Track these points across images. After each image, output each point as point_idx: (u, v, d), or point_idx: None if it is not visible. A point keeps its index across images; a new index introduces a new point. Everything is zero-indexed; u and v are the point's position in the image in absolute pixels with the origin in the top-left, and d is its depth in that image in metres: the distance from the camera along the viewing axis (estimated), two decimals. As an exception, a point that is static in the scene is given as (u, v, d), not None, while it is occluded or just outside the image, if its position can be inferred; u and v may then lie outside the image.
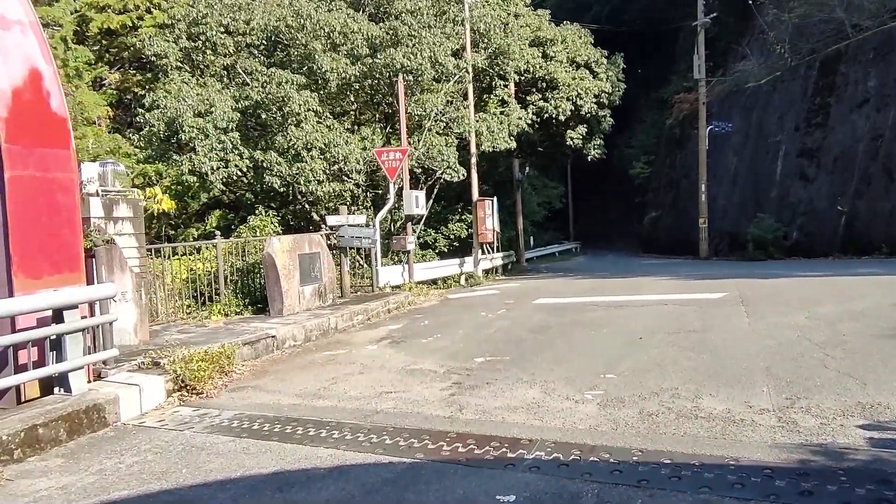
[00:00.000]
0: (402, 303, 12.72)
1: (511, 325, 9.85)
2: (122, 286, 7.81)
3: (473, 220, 18.58)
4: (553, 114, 19.24)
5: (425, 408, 5.76)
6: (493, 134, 17.27)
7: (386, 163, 14.15)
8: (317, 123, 14.03)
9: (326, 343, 9.56)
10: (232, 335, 8.77)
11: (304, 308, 11.05)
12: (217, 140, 13.87)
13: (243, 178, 14.44)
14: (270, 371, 7.84)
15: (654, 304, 10.77)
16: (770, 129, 28.39)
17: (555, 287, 15.35)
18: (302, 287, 11.02)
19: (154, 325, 9.57)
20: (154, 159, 14.76)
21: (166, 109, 14.14)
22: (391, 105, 16.90)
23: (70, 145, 6.71)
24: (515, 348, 8.12)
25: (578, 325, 9.45)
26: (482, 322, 10.41)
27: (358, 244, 12.73)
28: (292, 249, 10.84)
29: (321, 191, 13.72)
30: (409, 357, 8.09)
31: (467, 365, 7.41)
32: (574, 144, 20.92)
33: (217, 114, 14.01)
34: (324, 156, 13.88)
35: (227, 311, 10.57)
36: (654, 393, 5.71)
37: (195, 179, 13.95)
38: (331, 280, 11.87)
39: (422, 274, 15.71)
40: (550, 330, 9.21)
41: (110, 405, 5.99)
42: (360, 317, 11.14)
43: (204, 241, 10.84)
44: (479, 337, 9.15)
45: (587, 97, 19.52)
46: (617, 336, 8.39)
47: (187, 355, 7.20)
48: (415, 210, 14.75)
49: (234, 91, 14.92)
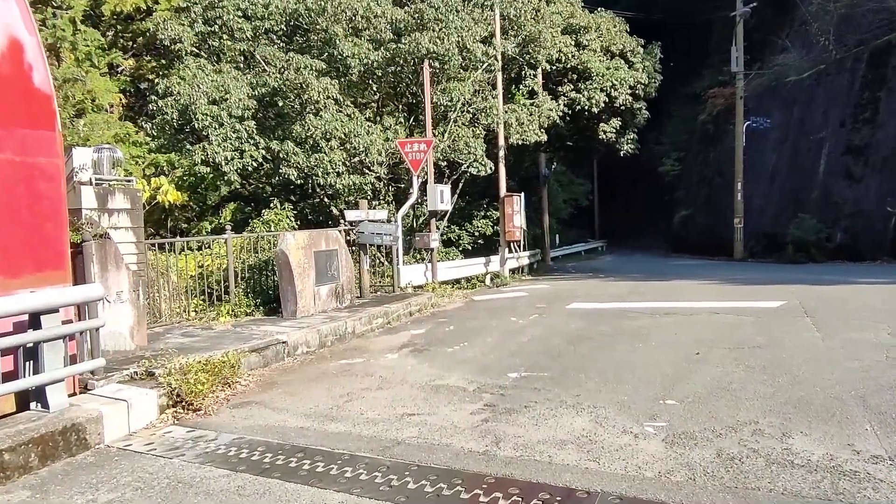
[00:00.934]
0: (424, 305, 11.85)
1: (545, 334, 8.92)
2: (117, 285, 7.04)
3: (500, 217, 17.64)
4: (586, 106, 18.21)
5: (455, 438, 4.88)
6: (523, 126, 16.30)
7: (409, 154, 13.28)
8: (336, 112, 13.21)
9: (342, 350, 8.72)
10: (239, 340, 7.97)
11: (319, 310, 10.23)
12: (231, 129, 13.12)
13: (259, 170, 13.69)
14: (279, 382, 7.02)
15: (704, 313, 9.76)
16: (813, 126, 27.02)
17: (587, 290, 14.36)
18: (318, 287, 10.21)
19: (156, 326, 8.82)
20: (166, 149, 14.07)
21: (180, 96, 13.44)
22: (415, 95, 16.02)
23: (55, 126, 5.93)
24: (554, 362, 7.20)
25: (622, 335, 8.50)
26: (513, 329, 9.50)
27: (378, 241, 11.89)
28: (308, 246, 10.03)
29: (340, 183, 12.90)
30: (434, 369, 7.21)
31: (500, 381, 6.51)
32: (607, 138, 19.86)
33: (232, 101, 13.25)
34: (343, 146, 13.05)
35: (236, 311, 9.79)
36: (729, 427, 4.76)
37: (208, 170, 13.23)
38: (349, 279, 11.04)
39: (445, 273, 14.83)
40: (591, 341, 8.27)
41: (92, 424, 5.20)
42: (380, 320, 10.29)
43: (213, 237, 10.08)
44: (511, 347, 8.24)
45: (622, 88, 18.45)
46: (668, 350, 7.43)
47: (186, 365, 6.41)
48: (439, 205, 13.87)
49: (251, 78, 14.16)
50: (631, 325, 9.08)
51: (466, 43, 14.00)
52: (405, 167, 14.67)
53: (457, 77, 15.02)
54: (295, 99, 13.29)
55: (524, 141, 16.58)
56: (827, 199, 25.17)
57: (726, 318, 9.13)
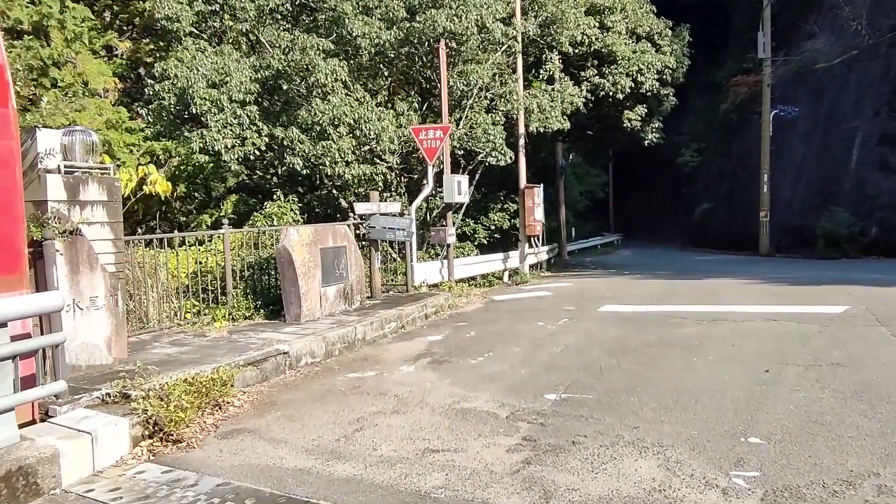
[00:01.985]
0: (441, 306, 10.85)
1: (581, 343, 7.90)
2: (91, 290, 6.08)
3: (520, 210, 16.59)
4: (610, 91, 17.07)
5: (491, 491, 3.88)
6: (545, 112, 15.21)
7: (424, 142, 12.25)
8: (345, 96, 12.19)
9: (352, 360, 7.74)
10: (234, 351, 7.00)
11: (326, 312, 9.25)
12: (232, 114, 12.13)
13: (262, 159, 12.71)
14: (278, 402, 6.04)
15: (758, 319, 8.69)
16: (844, 114, 25.73)
17: (616, 289, 13.30)
18: (324, 287, 9.23)
19: (143, 333, 7.86)
20: (163, 136, 13.12)
21: (177, 80, 12.46)
22: (429, 80, 14.97)
23: (9, 102, 4.94)
24: (597, 381, 6.19)
25: (670, 346, 7.46)
26: (542, 336, 8.48)
27: (391, 236, 10.89)
28: (313, 242, 9.04)
29: (349, 173, 11.89)
30: (457, 387, 6.22)
31: (537, 405, 5.51)
32: (631, 127, 18.72)
33: (233, 84, 12.26)
34: (353, 133, 12.04)
35: (234, 314, 8.83)
36: (843, 481, 3.73)
37: (207, 159, 12.28)
38: (358, 279, 10.05)
39: (462, 271, 13.82)
40: (636, 353, 7.24)
41: (45, 465, 4.24)
42: (393, 324, 9.30)
43: (208, 232, 9.12)
44: (544, 358, 7.23)
45: (649, 73, 17.30)
46: (730, 366, 6.39)
47: (168, 384, 5.45)
48: (456, 197, 12.83)
49: (254, 60, 13.15)
50: (678, 334, 8.04)
51: (486, 21, 12.92)
52: (418, 156, 13.65)
53: (474, 59, 13.95)
54: (301, 82, 12.27)
55: (546, 128, 15.50)
56: (860, 191, 23.94)
57: (787, 327, 8.06)
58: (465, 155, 15.34)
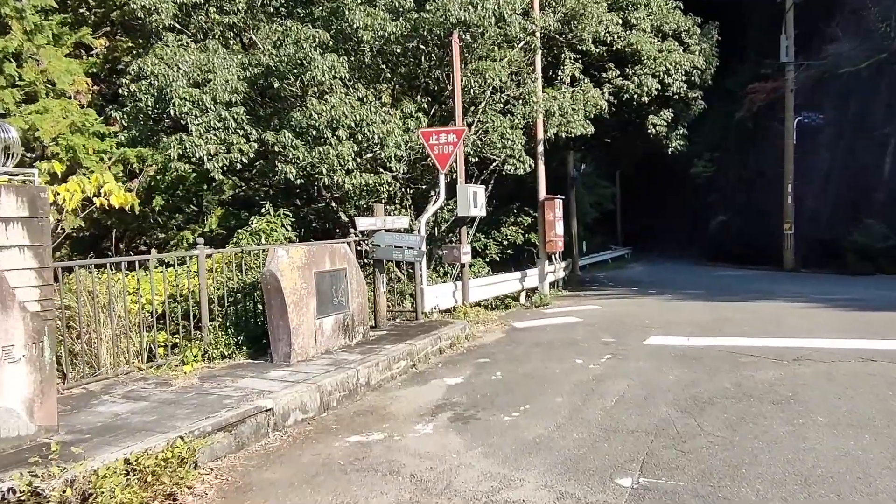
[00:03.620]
0: (457, 338, 9.30)
1: (639, 392, 6.34)
2: (5, 337, 4.54)
3: (539, 224, 15.06)
4: (635, 94, 15.60)
5: None
6: (566, 116, 13.73)
7: (435, 147, 10.75)
8: (345, 96, 10.71)
9: (353, 413, 6.19)
10: (201, 409, 5.44)
11: (322, 350, 7.70)
12: (217, 117, 10.65)
13: (251, 168, 11.22)
14: (255, 486, 4.49)
15: (852, 359, 7.13)
16: (874, 121, 24.30)
17: (653, 314, 11.75)
18: (320, 319, 7.68)
19: (91, 382, 6.29)
20: (140, 142, 11.64)
21: (155, 78, 11.00)
22: (438, 81, 13.49)
23: None
24: (679, 453, 4.64)
25: (755, 398, 5.91)
26: (586, 380, 6.93)
27: (398, 256, 9.36)
28: (306, 265, 7.51)
29: (350, 183, 10.37)
30: (493, 462, 4.68)
31: (611, 500, 3.96)
32: (656, 133, 17.24)
33: (218, 83, 10.78)
34: (353, 138, 10.55)
35: (211, 353, 7.29)
36: None
37: (188, 168, 10.79)
38: (360, 307, 8.51)
39: (476, 293, 12.27)
40: (714, 407, 5.69)
41: None
42: (403, 363, 7.75)
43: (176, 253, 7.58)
44: (597, 414, 5.68)
45: (676, 74, 15.83)
46: (855, 434, 4.83)
47: (100, 472, 3.91)
48: (472, 210, 11.30)
49: (243, 58, 11.69)
50: (758, 380, 6.48)
51: (504, 12, 11.45)
52: (427, 164, 12.16)
53: (489, 55, 12.48)
54: (295, 80, 10.79)
55: (568, 133, 14.01)
56: (895, 202, 22.46)
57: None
58: (478, 163, 13.85)
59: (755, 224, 29.40)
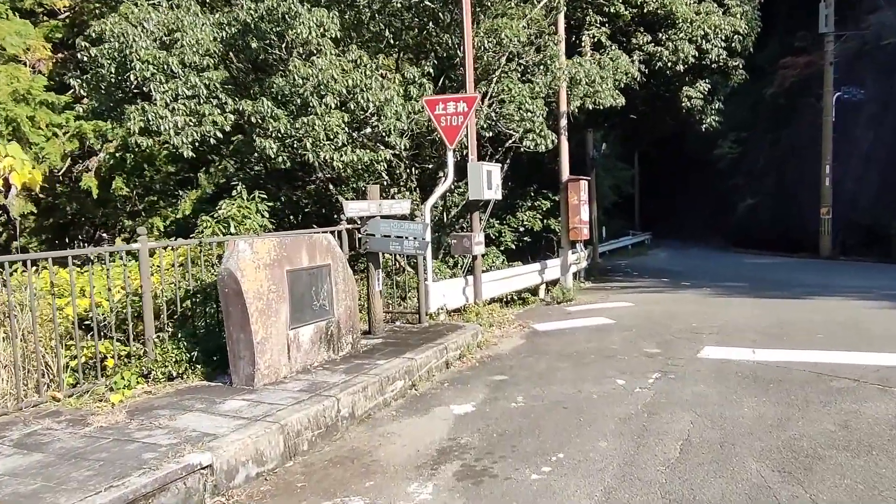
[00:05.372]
0: (467, 346, 7.71)
1: (709, 435, 4.71)
2: None
3: (562, 209, 13.35)
4: (669, 62, 13.79)
5: None
6: (594, 85, 11.99)
7: (443, 119, 9.10)
8: (336, 57, 9.05)
9: (329, 462, 4.64)
10: (110, 468, 3.88)
11: (298, 367, 6.14)
12: (185, 83, 9.05)
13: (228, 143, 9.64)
14: None
15: None
16: (924, 95, 22.30)
17: (697, 313, 10.08)
18: (295, 329, 6.11)
19: (-19, 420, 4.77)
20: (102, 114, 10.10)
21: (116, 39, 9.41)
22: (448, 48, 11.77)
23: None
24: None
25: (876, 448, 4.29)
26: (633, 412, 5.32)
27: (397, 248, 7.75)
28: (276, 262, 5.93)
29: (339, 160, 8.76)
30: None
31: None
32: (691, 106, 15.43)
33: (187, 42, 9.17)
34: (345, 106, 8.92)
35: (157, 372, 5.75)
36: None
37: (151, 143, 9.23)
38: (349, 311, 6.93)
39: (490, 288, 10.64)
40: (826, 468, 4.06)
41: None
42: (400, 384, 6.18)
43: (105, 248, 5.98)
44: (657, 473, 4.08)
45: (716, 39, 13.98)
46: None
47: None
48: (485, 193, 9.63)
49: (219, 16, 10.05)
50: (869, 419, 4.84)
51: (523, -41, 9.74)
52: (433, 139, 10.53)
53: (506, 13, 10.75)
54: (277, 39, 9.15)
55: (596, 104, 12.25)
56: (947, 183, 20.56)
57: None
58: (491, 140, 12.18)
59: (787, 208, 27.53)
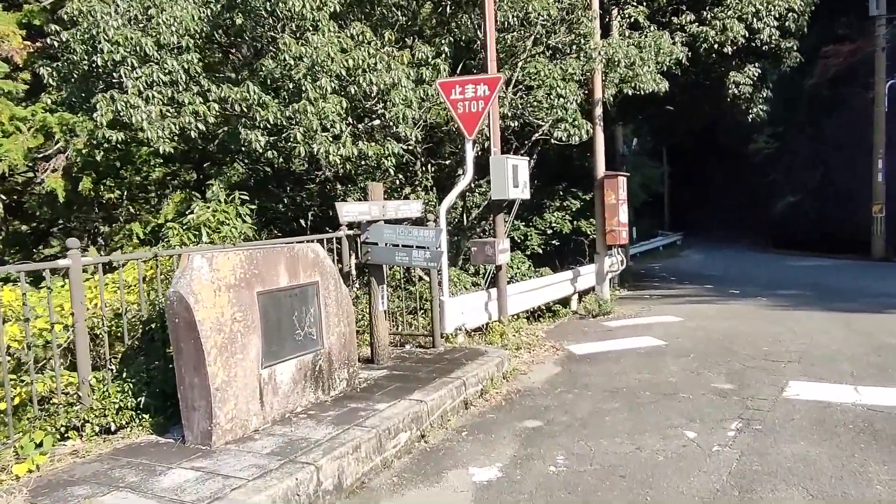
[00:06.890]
0: (491, 379, 6.30)
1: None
2: None
3: (597, 209, 11.85)
4: (715, 43, 12.24)
5: None
6: (634, 68, 10.51)
7: (460, 105, 7.72)
8: (335, 33, 7.72)
9: (297, 573, 3.26)
10: None
11: (276, 415, 4.79)
12: (161, 68, 7.80)
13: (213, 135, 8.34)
14: None
15: None
16: None
17: (765, 332, 8.51)
18: (270, 367, 4.76)
19: None
20: (73, 105, 8.91)
21: (85, 19, 8.20)
22: (466, 30, 10.38)
23: None
24: None
25: None
26: (717, 487, 3.87)
27: (403, 260, 6.38)
28: (243, 282, 4.58)
29: (336, 154, 7.40)
30: None
31: None
32: (738, 93, 13.83)
33: (164, 20, 7.92)
34: (345, 91, 7.58)
35: (93, 424, 4.44)
36: None
37: (123, 137, 7.99)
38: (343, 339, 5.56)
39: (516, 301, 9.19)
40: None
41: None
42: (405, 436, 4.80)
43: (32, 265, 4.64)
44: None
45: (768, 17, 12.41)
46: None
47: None
48: (511, 191, 8.20)
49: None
50: None
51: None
52: (448, 129, 9.15)
53: (533, -16, 9.31)
54: (266, 14, 7.84)
55: (636, 90, 10.76)
56: None
57: None
58: (515, 132, 10.76)
59: (833, 205, 25.68)
